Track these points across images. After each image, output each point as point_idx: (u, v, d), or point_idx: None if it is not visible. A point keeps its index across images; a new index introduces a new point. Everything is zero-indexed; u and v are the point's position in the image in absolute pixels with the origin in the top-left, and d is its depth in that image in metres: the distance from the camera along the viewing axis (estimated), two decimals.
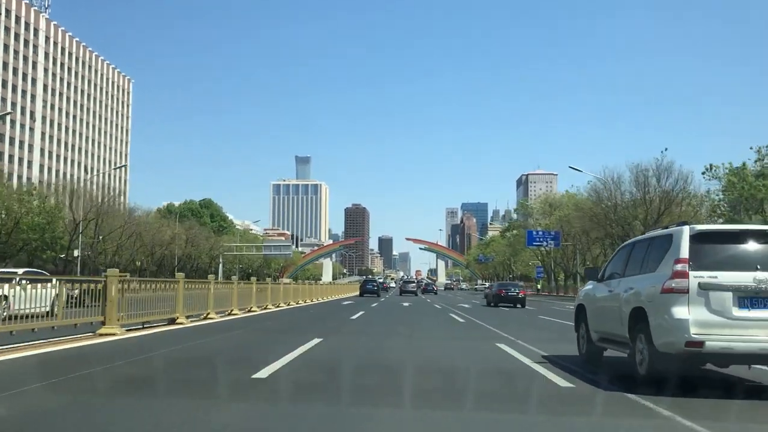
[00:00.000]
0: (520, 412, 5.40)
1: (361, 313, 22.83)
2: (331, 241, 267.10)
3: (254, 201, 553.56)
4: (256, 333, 13.72)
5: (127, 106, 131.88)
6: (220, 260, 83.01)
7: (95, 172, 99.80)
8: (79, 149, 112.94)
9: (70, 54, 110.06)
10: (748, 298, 6.01)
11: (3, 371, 7.13)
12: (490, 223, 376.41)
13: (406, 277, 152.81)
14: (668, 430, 4.82)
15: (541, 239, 60.09)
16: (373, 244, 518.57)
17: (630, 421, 5.08)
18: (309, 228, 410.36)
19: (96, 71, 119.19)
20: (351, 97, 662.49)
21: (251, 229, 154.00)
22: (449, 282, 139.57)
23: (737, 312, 6.00)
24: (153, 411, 5.13)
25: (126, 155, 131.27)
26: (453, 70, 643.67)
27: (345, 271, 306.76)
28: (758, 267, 6.07)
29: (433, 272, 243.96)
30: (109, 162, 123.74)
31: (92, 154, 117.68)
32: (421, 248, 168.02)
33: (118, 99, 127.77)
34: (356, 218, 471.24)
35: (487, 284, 64.67)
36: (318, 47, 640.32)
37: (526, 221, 68.38)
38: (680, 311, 6.05)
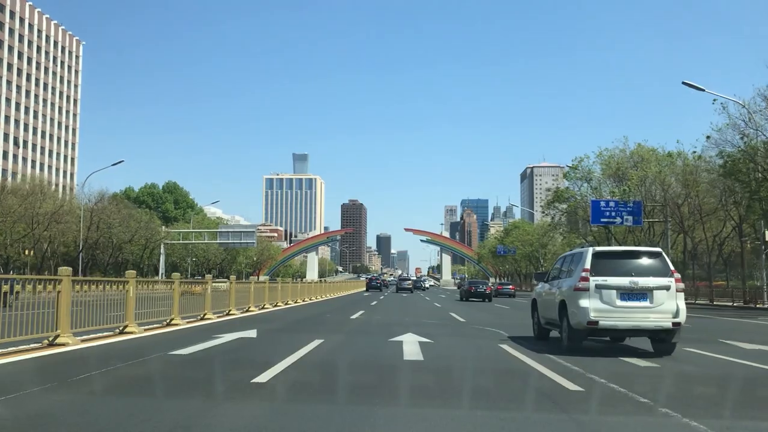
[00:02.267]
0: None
1: None
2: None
3: (251, 197, 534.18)
4: None
5: (76, 72, 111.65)
6: (162, 251, 62.82)
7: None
8: (7, 118, 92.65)
9: (1, 7, 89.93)
10: (626, 293, 9.72)
11: None
12: (491, 220, 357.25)
13: (404, 275, 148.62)
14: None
15: (613, 213, 40.02)
16: (371, 242, 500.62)
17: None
18: (304, 224, 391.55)
19: (32, 27, 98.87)
20: (348, 92, 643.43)
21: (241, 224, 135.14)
22: (458, 280, 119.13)
23: (619, 303, 9.72)
24: None
25: (74, 130, 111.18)
26: (451, 66, 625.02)
27: (339, 268, 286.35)
28: (633, 274, 9.80)
29: (435, 269, 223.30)
30: (51, 137, 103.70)
31: (30, 127, 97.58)
32: (422, 240, 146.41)
33: (63, 63, 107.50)
34: (353, 214, 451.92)
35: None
36: (315, 43, 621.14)
37: (581, 188, 46.78)
38: (584, 302, 9.78)
